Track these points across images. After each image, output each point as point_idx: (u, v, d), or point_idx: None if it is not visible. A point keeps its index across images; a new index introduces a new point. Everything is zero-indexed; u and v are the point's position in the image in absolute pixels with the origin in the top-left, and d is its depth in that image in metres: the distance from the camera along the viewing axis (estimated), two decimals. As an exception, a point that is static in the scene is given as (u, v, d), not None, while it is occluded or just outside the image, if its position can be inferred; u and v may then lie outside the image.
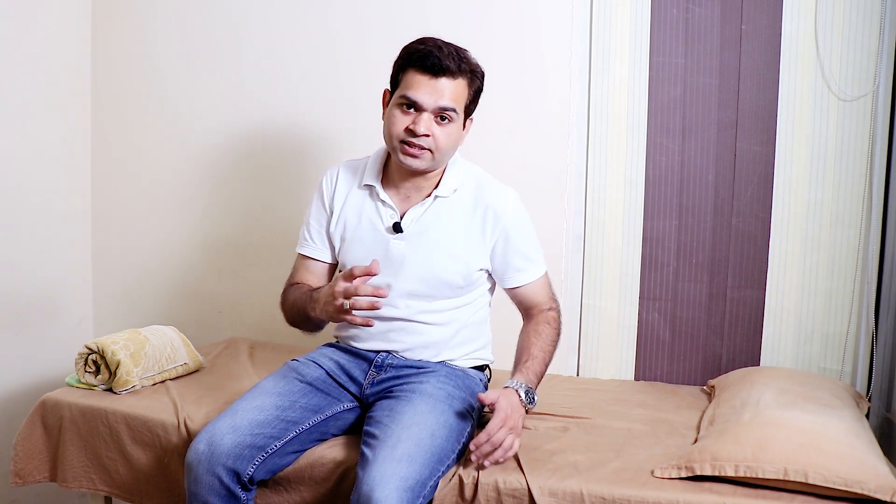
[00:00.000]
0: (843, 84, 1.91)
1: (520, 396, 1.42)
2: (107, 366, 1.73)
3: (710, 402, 1.80)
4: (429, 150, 1.51)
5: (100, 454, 1.64)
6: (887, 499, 1.24)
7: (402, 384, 1.53)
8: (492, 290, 1.68)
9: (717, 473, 1.33)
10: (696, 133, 2.01)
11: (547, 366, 1.54)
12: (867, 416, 1.81)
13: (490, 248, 1.58)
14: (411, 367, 1.57)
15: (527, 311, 1.62)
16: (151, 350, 1.82)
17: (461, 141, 1.58)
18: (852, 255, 1.93)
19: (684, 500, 1.29)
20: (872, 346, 1.91)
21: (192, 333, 2.10)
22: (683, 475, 1.36)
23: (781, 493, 1.30)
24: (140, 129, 2.45)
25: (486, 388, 1.63)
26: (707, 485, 1.33)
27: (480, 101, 2.13)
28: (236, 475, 1.37)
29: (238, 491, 1.38)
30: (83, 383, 1.76)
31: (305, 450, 1.48)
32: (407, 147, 1.50)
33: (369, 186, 1.61)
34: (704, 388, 1.96)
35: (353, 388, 1.58)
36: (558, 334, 1.60)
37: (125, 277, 2.50)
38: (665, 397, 1.87)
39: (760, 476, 1.31)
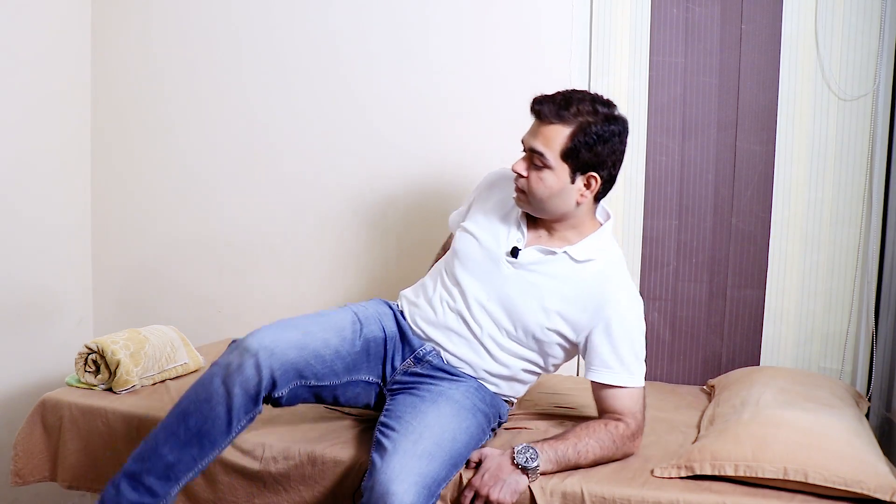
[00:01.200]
0: (844, 84, 1.91)
1: (513, 456, 1.36)
2: (107, 366, 1.73)
3: (709, 401, 1.80)
4: (523, 191, 1.52)
5: (100, 454, 1.64)
6: (887, 498, 1.24)
7: (430, 385, 1.51)
8: (554, 366, 1.62)
9: (716, 473, 1.34)
10: (696, 132, 2.01)
11: (580, 456, 1.40)
12: (867, 415, 1.81)
13: (585, 330, 1.51)
14: (446, 371, 1.55)
15: (601, 412, 1.52)
16: (151, 350, 1.82)
17: (572, 196, 1.50)
18: (852, 254, 1.93)
19: (684, 499, 1.29)
20: (872, 345, 1.91)
21: (192, 333, 2.10)
22: (683, 475, 1.36)
23: (781, 493, 1.30)
24: (140, 130, 2.45)
25: (506, 413, 1.62)
26: (707, 484, 1.33)
27: (485, 102, 2.13)
28: (273, 386, 1.37)
29: (261, 399, 1.37)
30: (83, 383, 1.76)
31: (312, 402, 1.50)
32: (516, 187, 1.55)
33: (516, 209, 1.61)
34: (704, 387, 1.96)
35: (386, 368, 1.56)
36: (614, 446, 1.43)
37: (125, 277, 2.50)
38: (665, 397, 1.87)
39: (760, 475, 1.31)
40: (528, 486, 1.34)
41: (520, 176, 1.51)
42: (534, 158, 1.49)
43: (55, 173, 2.37)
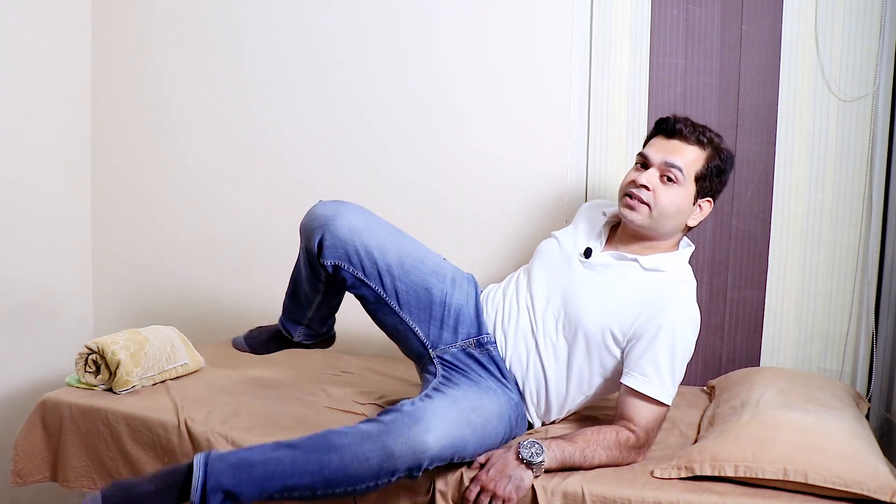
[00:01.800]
0: (844, 85, 1.91)
1: (518, 451, 1.37)
2: (107, 366, 1.73)
3: (709, 402, 1.80)
4: (647, 204, 1.54)
5: (100, 454, 1.64)
6: (887, 499, 1.24)
7: (478, 373, 1.53)
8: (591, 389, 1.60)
9: (716, 473, 1.34)
10: (697, 133, 2.00)
11: (585, 460, 1.39)
12: (867, 416, 1.81)
13: (635, 335, 1.50)
14: (498, 367, 1.56)
15: (617, 417, 1.50)
16: (151, 350, 1.82)
17: (688, 216, 1.56)
18: (852, 255, 1.94)
19: (684, 500, 1.29)
20: (872, 346, 1.91)
21: (192, 333, 2.10)
22: (683, 475, 1.36)
23: (781, 493, 1.30)
24: (140, 130, 2.45)
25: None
26: (707, 484, 1.33)
27: (485, 102, 2.14)
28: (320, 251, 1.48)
29: (329, 275, 1.52)
30: (83, 383, 1.76)
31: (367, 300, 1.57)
32: (628, 199, 1.56)
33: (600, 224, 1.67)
34: (704, 388, 1.96)
35: (446, 335, 1.57)
36: (620, 455, 1.42)
37: (125, 277, 2.50)
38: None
39: (760, 476, 1.31)
40: (531, 485, 1.34)
41: (644, 188, 1.53)
42: (667, 172, 1.53)
43: (56, 173, 2.37)
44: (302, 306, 1.65)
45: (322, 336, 1.75)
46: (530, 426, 1.64)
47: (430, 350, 1.57)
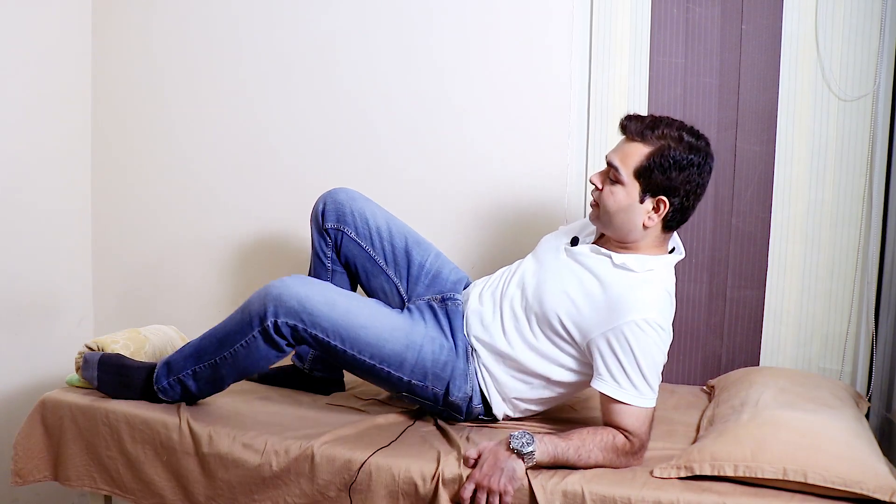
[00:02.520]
0: (844, 84, 1.91)
1: (509, 442, 1.37)
2: (107, 365, 1.73)
3: (709, 401, 1.80)
4: (596, 203, 1.59)
5: (100, 453, 1.64)
6: (886, 498, 1.24)
7: (424, 315, 1.67)
8: (563, 392, 1.63)
9: (716, 473, 1.34)
10: (697, 133, 2.00)
11: (579, 459, 1.39)
12: (867, 416, 1.81)
13: (591, 333, 1.50)
14: (449, 319, 1.67)
15: (606, 425, 1.49)
16: (151, 350, 1.82)
17: (638, 215, 1.53)
18: (852, 255, 1.93)
19: (684, 499, 1.29)
20: (872, 346, 1.91)
21: (192, 333, 2.09)
22: (683, 475, 1.36)
23: (781, 493, 1.30)
24: (140, 129, 2.45)
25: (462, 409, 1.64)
26: (707, 484, 1.33)
27: (485, 101, 2.14)
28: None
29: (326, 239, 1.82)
30: (83, 383, 1.76)
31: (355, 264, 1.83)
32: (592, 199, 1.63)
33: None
34: (704, 388, 1.96)
35: (419, 290, 1.79)
36: (617, 460, 1.42)
37: (125, 277, 2.50)
38: (664, 397, 1.86)
39: (759, 476, 1.31)
40: (529, 483, 1.34)
41: (595, 188, 1.58)
42: (610, 172, 1.55)
43: (56, 173, 2.37)
44: None
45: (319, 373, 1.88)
46: (492, 417, 1.65)
47: (406, 302, 1.77)
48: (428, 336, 1.62)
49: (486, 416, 1.66)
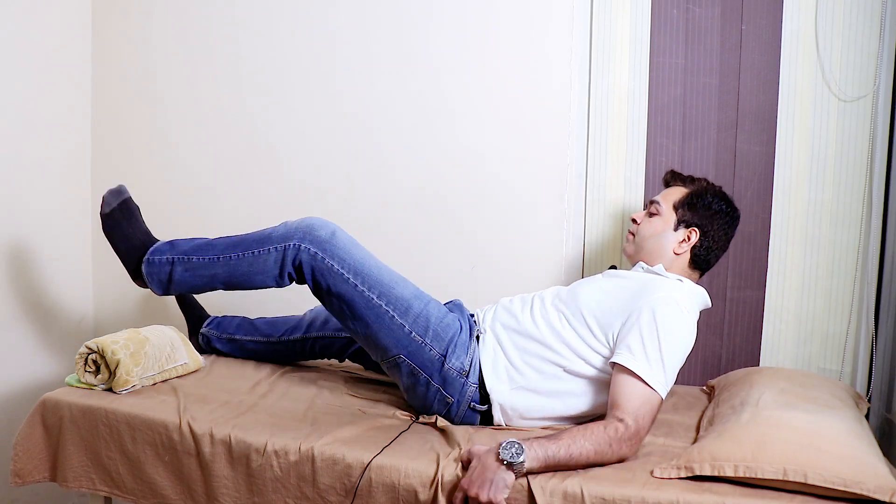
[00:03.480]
0: (844, 84, 1.91)
1: (498, 452, 1.34)
2: (107, 365, 1.73)
3: (709, 402, 1.80)
4: (633, 234, 1.79)
5: (100, 454, 1.64)
6: (886, 499, 1.24)
7: None
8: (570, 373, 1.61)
9: (716, 473, 1.33)
10: (696, 133, 2.01)
11: (571, 458, 1.37)
12: (867, 416, 1.81)
13: (618, 320, 1.56)
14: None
15: (609, 406, 1.48)
16: (151, 350, 1.82)
17: (670, 242, 1.71)
18: (852, 255, 1.93)
19: (684, 500, 1.29)
20: (872, 346, 1.91)
21: (192, 333, 2.09)
22: (683, 475, 1.36)
23: (781, 493, 1.30)
24: (140, 131, 2.45)
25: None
26: (707, 485, 1.33)
27: (484, 102, 2.14)
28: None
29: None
30: (83, 383, 1.76)
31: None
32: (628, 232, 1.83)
33: None
34: (704, 388, 1.96)
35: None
36: (610, 449, 1.39)
37: (125, 277, 2.49)
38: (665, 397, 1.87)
39: (759, 476, 1.31)
40: (528, 484, 1.34)
41: (633, 222, 1.79)
42: (651, 207, 1.76)
43: (56, 173, 2.37)
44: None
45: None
46: (490, 420, 1.64)
47: None
48: (435, 301, 1.69)
49: (481, 404, 1.63)
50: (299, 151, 2.29)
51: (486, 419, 1.65)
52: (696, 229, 1.70)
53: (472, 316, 1.77)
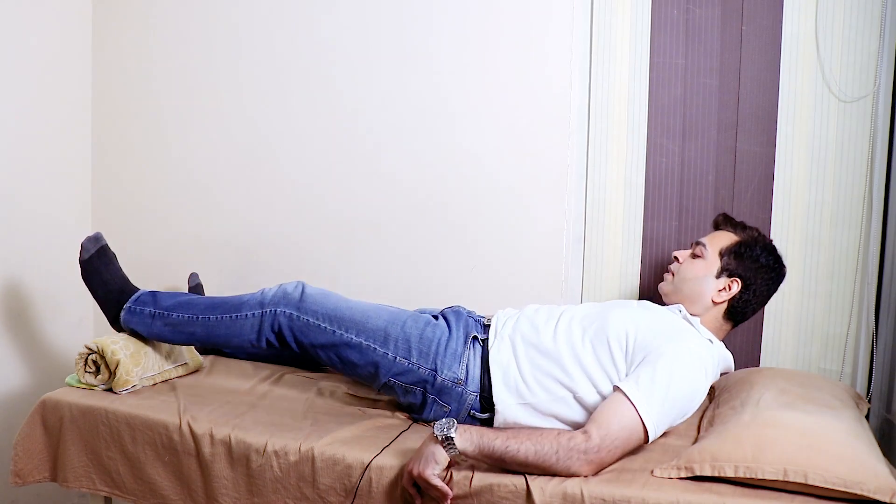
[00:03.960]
0: (844, 85, 1.91)
1: (433, 430, 1.36)
2: (106, 366, 1.73)
3: (709, 402, 1.80)
4: (672, 273, 1.76)
5: (100, 454, 1.65)
6: (887, 499, 1.24)
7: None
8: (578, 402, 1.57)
9: (716, 474, 1.33)
10: (697, 134, 2.01)
11: (507, 451, 1.33)
12: (867, 417, 1.81)
13: (642, 358, 1.51)
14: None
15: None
16: (151, 350, 1.82)
17: (710, 287, 1.66)
18: (852, 256, 1.93)
19: (684, 500, 1.29)
20: (872, 347, 1.91)
21: (192, 333, 2.09)
22: (683, 475, 1.36)
23: (781, 494, 1.30)
24: (140, 130, 2.45)
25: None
26: (707, 485, 1.33)
27: (484, 103, 2.14)
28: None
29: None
30: (83, 384, 1.76)
31: None
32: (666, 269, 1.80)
33: None
34: (704, 388, 1.96)
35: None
36: (555, 456, 1.33)
37: (125, 277, 2.49)
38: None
39: (760, 477, 1.31)
40: (527, 484, 1.33)
41: (675, 260, 1.75)
42: (695, 249, 1.72)
43: (55, 173, 2.37)
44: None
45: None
46: (488, 415, 1.62)
47: None
48: (413, 316, 1.68)
49: (481, 412, 1.62)
50: (298, 153, 2.29)
51: (486, 425, 1.63)
52: (738, 280, 1.65)
53: (479, 321, 1.75)
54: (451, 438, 1.33)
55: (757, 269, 1.66)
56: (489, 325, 1.73)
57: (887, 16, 1.85)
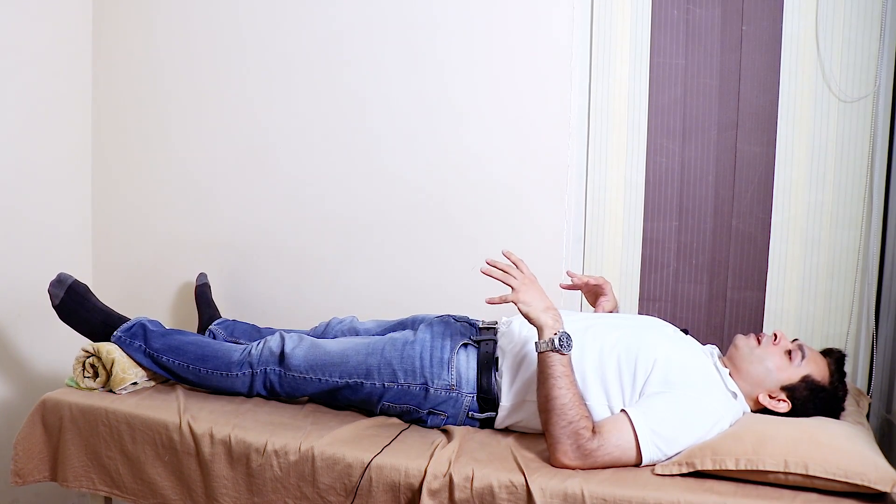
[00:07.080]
0: (844, 85, 1.91)
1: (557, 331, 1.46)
2: (104, 367, 1.73)
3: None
4: (759, 341, 1.59)
5: (100, 454, 1.64)
6: (888, 489, 1.24)
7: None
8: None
9: (717, 468, 1.33)
10: (697, 134, 2.01)
11: (558, 384, 1.42)
12: (867, 416, 1.81)
13: (656, 385, 1.50)
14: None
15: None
16: (151, 350, 1.82)
17: (766, 381, 1.54)
18: (852, 256, 1.93)
19: (685, 500, 1.28)
20: (872, 347, 1.91)
21: (192, 333, 2.09)
22: (684, 471, 1.35)
23: (783, 492, 1.30)
24: (140, 131, 2.45)
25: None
26: (708, 484, 1.33)
27: (486, 103, 2.13)
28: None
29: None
30: (83, 388, 1.75)
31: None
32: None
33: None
34: (705, 388, 1.96)
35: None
36: (568, 434, 1.39)
37: (125, 278, 2.50)
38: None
39: (761, 468, 1.30)
40: (527, 484, 1.33)
41: (774, 336, 1.59)
42: (794, 349, 1.56)
43: (56, 174, 2.37)
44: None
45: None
46: (490, 425, 1.62)
47: None
48: (390, 341, 1.69)
49: (480, 412, 1.61)
50: (298, 154, 2.29)
51: (487, 425, 1.64)
52: (790, 404, 1.54)
53: (474, 324, 1.74)
54: (571, 338, 1.46)
55: (812, 407, 1.54)
56: (487, 328, 1.72)
57: (887, 16, 1.85)
